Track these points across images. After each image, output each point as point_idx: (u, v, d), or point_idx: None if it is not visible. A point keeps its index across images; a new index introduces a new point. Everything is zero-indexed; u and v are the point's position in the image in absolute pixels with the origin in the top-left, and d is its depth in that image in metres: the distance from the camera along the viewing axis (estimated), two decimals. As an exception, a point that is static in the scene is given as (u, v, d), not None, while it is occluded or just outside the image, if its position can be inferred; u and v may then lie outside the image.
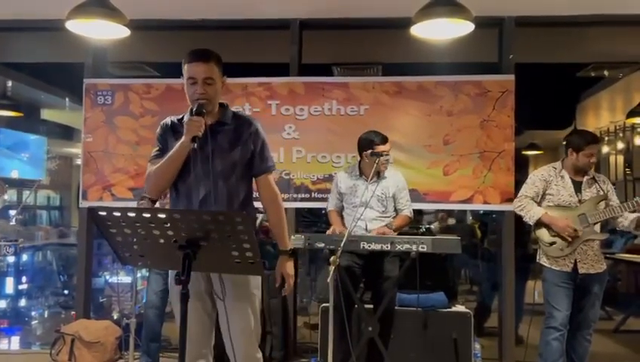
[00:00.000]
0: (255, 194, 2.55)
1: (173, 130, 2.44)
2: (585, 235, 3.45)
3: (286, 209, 2.69)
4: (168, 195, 3.87)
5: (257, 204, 2.61)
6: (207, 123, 2.35)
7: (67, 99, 7.98)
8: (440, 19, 3.37)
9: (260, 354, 2.46)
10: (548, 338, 3.47)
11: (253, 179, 2.50)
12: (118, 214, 1.90)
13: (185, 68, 2.39)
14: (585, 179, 3.56)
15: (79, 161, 4.89)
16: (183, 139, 2.30)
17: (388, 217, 3.80)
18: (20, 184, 7.78)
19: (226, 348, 2.43)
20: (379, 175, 3.75)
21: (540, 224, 3.54)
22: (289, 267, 2.49)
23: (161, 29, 4.82)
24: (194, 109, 2.32)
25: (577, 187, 3.55)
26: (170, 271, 2.42)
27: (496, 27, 4.53)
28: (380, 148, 3.70)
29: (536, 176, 3.64)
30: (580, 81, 7.52)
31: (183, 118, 2.44)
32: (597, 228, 3.51)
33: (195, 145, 2.27)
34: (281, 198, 2.55)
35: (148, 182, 2.45)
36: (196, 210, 2.33)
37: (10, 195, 8.02)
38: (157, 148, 2.46)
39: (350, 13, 4.45)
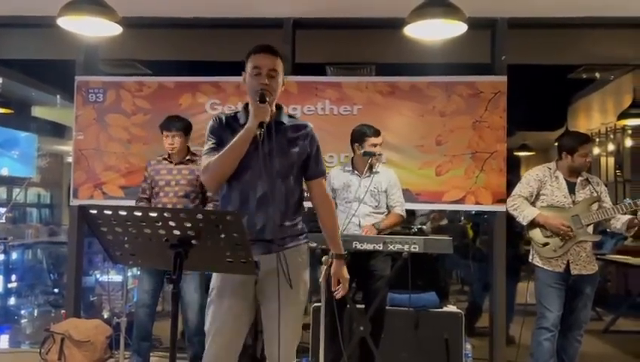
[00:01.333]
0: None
1: (230, 127, 2.40)
2: (578, 236, 3.46)
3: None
4: (158, 194, 3.89)
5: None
6: (265, 121, 2.32)
7: (58, 97, 7.93)
8: (433, 19, 3.38)
9: (295, 359, 2.44)
10: (539, 338, 3.49)
11: (305, 181, 2.49)
12: (109, 212, 1.89)
13: (250, 59, 2.37)
14: (579, 180, 3.58)
15: (70, 159, 4.86)
16: (249, 124, 2.27)
17: (381, 213, 3.81)
18: (10, 182, 7.73)
19: (265, 351, 2.41)
20: (371, 169, 3.76)
21: (533, 224, 3.55)
22: (344, 271, 2.56)
23: (153, 26, 4.79)
24: (258, 98, 2.28)
25: (571, 188, 3.56)
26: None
27: (489, 28, 4.55)
28: (372, 140, 3.72)
29: (531, 176, 3.64)
30: (572, 83, 7.58)
31: (236, 114, 2.44)
32: (590, 229, 3.52)
33: (263, 130, 2.25)
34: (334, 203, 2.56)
35: (206, 173, 2.36)
36: (188, 208, 2.32)
37: (0, 193, 7.96)
38: (212, 141, 2.40)
39: (344, 12, 4.45)
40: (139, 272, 4.29)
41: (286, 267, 2.32)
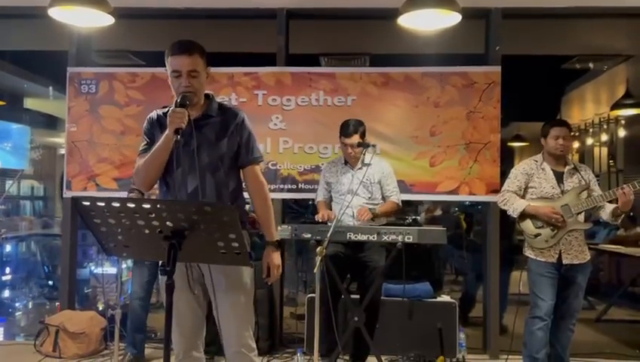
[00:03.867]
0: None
1: (160, 124, 2.41)
2: (569, 226, 3.47)
3: (273, 200, 2.69)
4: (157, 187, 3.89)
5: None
6: (193, 116, 2.33)
7: (51, 88, 7.86)
8: (427, 9, 3.38)
9: (254, 344, 2.46)
10: (532, 328, 3.50)
11: (240, 169, 2.49)
12: (102, 204, 1.89)
13: (168, 60, 2.37)
14: (566, 169, 3.59)
15: (63, 151, 4.84)
16: (166, 131, 2.27)
17: (375, 204, 3.82)
18: (2, 174, 7.67)
19: (221, 339, 2.43)
20: (363, 162, 3.78)
21: (524, 216, 3.56)
22: (275, 258, 2.49)
23: (146, 17, 4.76)
24: (178, 101, 2.29)
25: (559, 178, 3.57)
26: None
27: (483, 18, 4.54)
28: (343, 140, 3.74)
29: (518, 170, 3.66)
30: (565, 73, 7.57)
31: (168, 110, 2.41)
32: (581, 218, 3.53)
33: (178, 137, 2.23)
34: (268, 189, 2.54)
35: (137, 176, 2.43)
36: (182, 200, 2.31)
37: (-7, 186, 7.91)
38: (144, 142, 2.44)
39: (338, 2, 4.44)
40: (133, 264, 4.28)
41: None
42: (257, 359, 2.47)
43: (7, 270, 6.15)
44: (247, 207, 2.73)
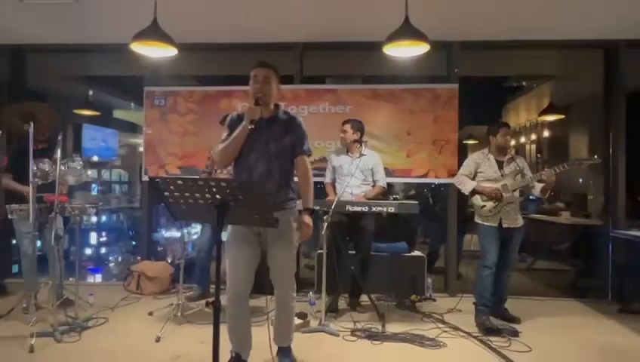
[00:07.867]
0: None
1: (239, 120, 2.44)
2: (506, 200, 3.46)
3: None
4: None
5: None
6: (265, 116, 2.40)
7: (132, 103, 7.86)
8: (404, 42, 3.31)
9: (295, 285, 2.50)
10: (482, 274, 3.49)
11: (294, 157, 2.50)
12: (170, 182, 1.88)
13: (251, 73, 2.45)
14: (505, 158, 3.56)
15: (142, 148, 4.84)
16: (244, 122, 2.33)
17: (368, 184, 3.82)
18: (99, 165, 7.71)
19: (272, 280, 2.46)
20: (361, 153, 3.80)
21: (473, 193, 3.55)
22: (307, 219, 2.49)
23: (200, 49, 4.71)
24: (253, 101, 2.36)
25: (500, 165, 3.55)
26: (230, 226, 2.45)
27: (446, 49, 4.47)
28: (341, 128, 3.79)
29: (470, 160, 3.66)
30: (505, 89, 7.47)
31: (243, 114, 2.47)
32: (516, 193, 3.52)
33: (252, 126, 2.30)
34: (312, 174, 2.56)
35: (218, 155, 2.45)
36: (227, 178, 2.32)
37: (93, 173, 7.94)
38: (226, 133, 2.47)
39: (339, 38, 4.38)
40: (201, 226, 4.24)
41: (284, 223, 2.35)
42: (295, 295, 2.51)
43: (104, 233, 6.21)
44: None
